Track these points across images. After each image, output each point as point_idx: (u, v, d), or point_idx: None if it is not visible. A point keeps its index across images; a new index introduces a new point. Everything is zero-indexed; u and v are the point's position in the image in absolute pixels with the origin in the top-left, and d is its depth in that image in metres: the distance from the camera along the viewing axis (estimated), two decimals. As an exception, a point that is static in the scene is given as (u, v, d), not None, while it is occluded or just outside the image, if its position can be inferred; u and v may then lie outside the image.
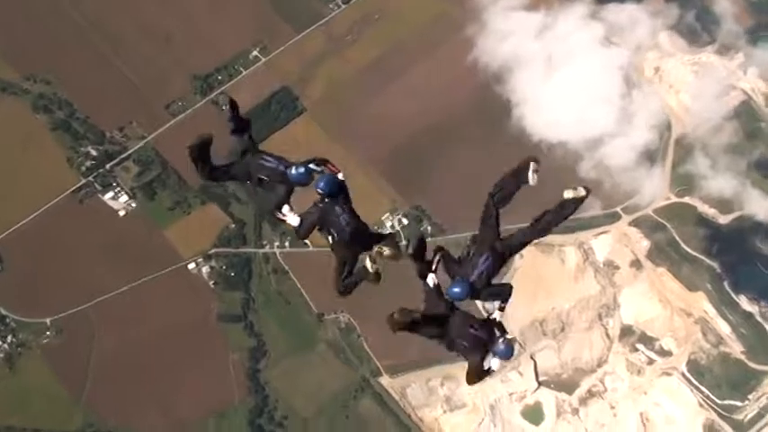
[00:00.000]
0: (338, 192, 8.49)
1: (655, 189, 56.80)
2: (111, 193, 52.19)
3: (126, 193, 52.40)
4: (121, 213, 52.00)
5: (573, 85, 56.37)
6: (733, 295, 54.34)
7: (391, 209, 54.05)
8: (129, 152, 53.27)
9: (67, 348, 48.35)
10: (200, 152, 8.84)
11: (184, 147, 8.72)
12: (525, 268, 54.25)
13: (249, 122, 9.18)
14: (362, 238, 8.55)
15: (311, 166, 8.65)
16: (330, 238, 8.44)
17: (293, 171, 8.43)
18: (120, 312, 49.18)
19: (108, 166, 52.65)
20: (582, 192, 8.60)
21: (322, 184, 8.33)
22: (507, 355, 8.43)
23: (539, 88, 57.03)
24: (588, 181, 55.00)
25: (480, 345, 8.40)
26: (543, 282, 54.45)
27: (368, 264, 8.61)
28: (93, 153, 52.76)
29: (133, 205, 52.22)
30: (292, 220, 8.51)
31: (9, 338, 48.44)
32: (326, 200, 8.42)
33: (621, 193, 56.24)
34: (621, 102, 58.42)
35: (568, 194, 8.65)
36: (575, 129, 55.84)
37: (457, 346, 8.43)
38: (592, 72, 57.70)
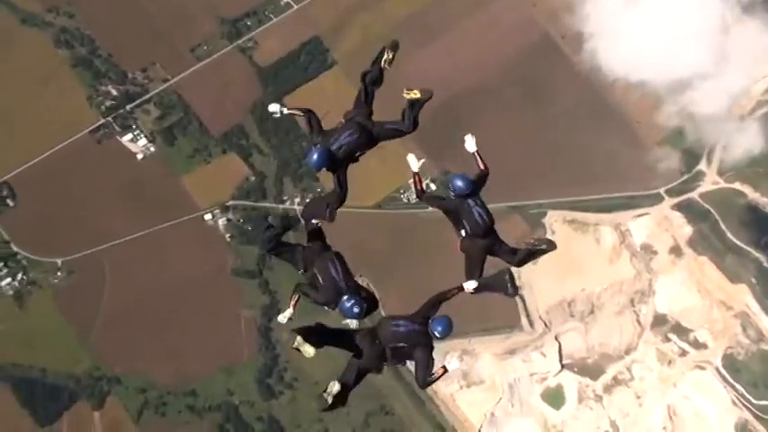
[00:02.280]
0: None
1: (748, 144, 53.76)
2: (129, 135, 52.61)
3: (145, 136, 52.76)
4: (139, 157, 52.45)
5: (660, 15, 51.26)
6: (778, 290, 53.49)
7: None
8: (151, 94, 53.46)
9: (78, 291, 49.32)
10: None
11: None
12: (557, 245, 53.91)
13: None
14: None
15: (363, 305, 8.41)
16: None
17: (346, 303, 8.38)
18: (132, 259, 49.94)
19: (128, 108, 52.95)
20: (417, 94, 9.01)
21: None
22: (443, 330, 8.33)
23: (618, 17, 52.71)
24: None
25: (419, 336, 8.38)
26: (575, 261, 53.76)
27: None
28: (114, 93, 53.07)
29: (152, 149, 52.65)
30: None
31: (20, 276, 49.54)
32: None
33: (704, 147, 54.66)
34: (718, 38, 54.21)
35: (407, 95, 9.02)
36: (659, 67, 51.37)
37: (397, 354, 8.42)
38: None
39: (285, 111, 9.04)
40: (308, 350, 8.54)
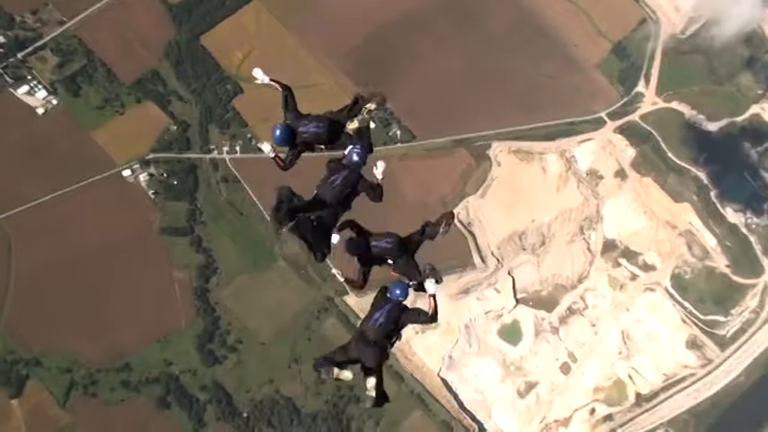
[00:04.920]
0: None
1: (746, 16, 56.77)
2: (25, 88, 48.76)
3: (44, 87, 49.06)
4: (40, 111, 48.77)
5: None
6: (719, 206, 56.44)
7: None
8: (46, 40, 49.63)
9: (-20, 265, 46.33)
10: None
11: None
12: (504, 177, 54.84)
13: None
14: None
15: None
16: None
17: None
18: (41, 226, 46.60)
19: (20, 56, 49.09)
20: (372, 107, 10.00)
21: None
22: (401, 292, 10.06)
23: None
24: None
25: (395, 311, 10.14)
26: (523, 192, 55.06)
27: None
28: (1, 40, 49.00)
29: (54, 102, 49.06)
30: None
31: None
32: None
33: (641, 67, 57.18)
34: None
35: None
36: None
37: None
38: None
39: (266, 80, 10.08)
40: (347, 374, 9.93)
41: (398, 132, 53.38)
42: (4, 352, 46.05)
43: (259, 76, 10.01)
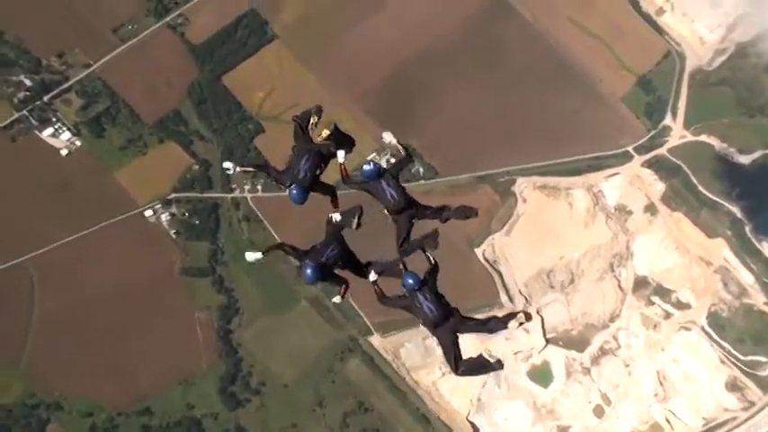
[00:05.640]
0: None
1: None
2: (50, 130, 50.44)
3: (68, 129, 50.70)
4: (64, 153, 50.33)
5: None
6: (755, 242, 56.06)
7: (377, 148, 54.21)
8: (71, 82, 51.41)
9: (3, 308, 46.88)
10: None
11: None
12: (530, 213, 55.15)
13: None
14: None
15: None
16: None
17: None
18: (64, 267, 47.63)
19: (46, 99, 50.79)
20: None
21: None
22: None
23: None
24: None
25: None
26: (550, 228, 55.25)
27: None
28: (28, 83, 50.80)
29: (78, 143, 50.61)
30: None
31: (-67, 297, 47.07)
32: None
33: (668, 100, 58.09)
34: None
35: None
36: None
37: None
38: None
39: (239, 169, 10.41)
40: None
41: (421, 169, 54.16)
42: (24, 395, 46.73)
43: (229, 166, 10.37)
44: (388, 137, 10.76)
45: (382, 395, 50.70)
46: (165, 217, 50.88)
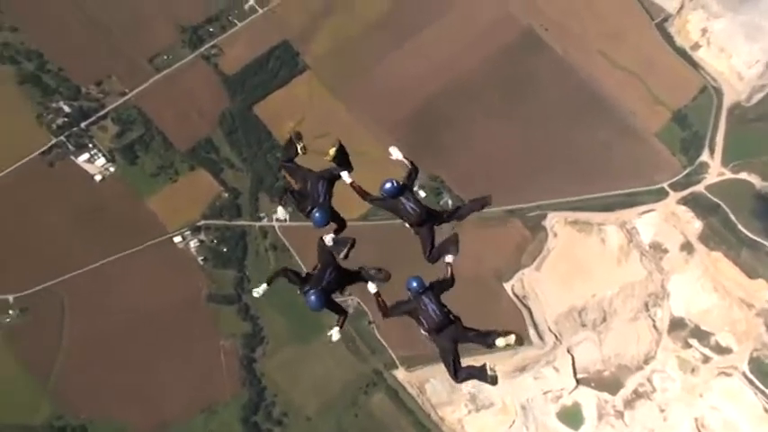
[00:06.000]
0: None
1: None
2: (86, 155, 52.17)
3: (103, 155, 52.40)
4: (98, 178, 51.98)
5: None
6: (799, 283, 55.14)
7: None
8: (108, 110, 53.31)
9: (33, 330, 48.06)
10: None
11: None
12: (561, 249, 54.82)
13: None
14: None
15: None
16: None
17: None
18: (94, 291, 48.87)
19: (83, 125, 52.67)
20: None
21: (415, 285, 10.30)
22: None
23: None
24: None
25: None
26: (582, 265, 54.76)
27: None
28: (66, 110, 52.75)
29: (111, 169, 52.31)
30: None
31: (-35, 317, 48.43)
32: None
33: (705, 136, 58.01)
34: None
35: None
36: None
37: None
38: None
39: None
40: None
41: (449, 202, 54.41)
42: (52, 417, 47.66)
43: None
44: (395, 152, 10.93)
45: (406, 431, 50.24)
46: (193, 243, 51.97)
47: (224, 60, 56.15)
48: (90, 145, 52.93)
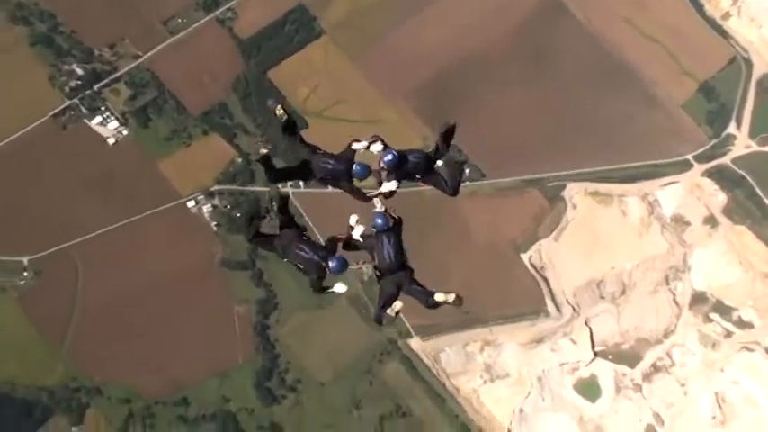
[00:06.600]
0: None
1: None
2: (98, 118, 52.93)
3: (116, 118, 53.12)
4: (111, 141, 52.73)
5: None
6: (825, 258, 55.07)
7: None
8: (121, 73, 53.99)
9: (47, 292, 49.12)
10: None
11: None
12: (580, 220, 55.06)
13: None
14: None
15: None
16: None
17: (331, 265, 10.26)
18: (108, 254, 49.77)
19: (96, 88, 53.36)
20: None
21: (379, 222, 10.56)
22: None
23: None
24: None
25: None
26: (601, 236, 54.94)
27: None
28: (79, 72, 53.45)
29: (124, 133, 53.05)
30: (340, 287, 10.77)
31: (-21, 278, 49.28)
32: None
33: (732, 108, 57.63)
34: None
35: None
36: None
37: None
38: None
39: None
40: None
41: (467, 171, 54.71)
42: (67, 379, 48.94)
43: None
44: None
45: (420, 400, 50.98)
46: (206, 208, 52.63)
47: (239, 24, 56.52)
48: (102, 108, 53.63)
